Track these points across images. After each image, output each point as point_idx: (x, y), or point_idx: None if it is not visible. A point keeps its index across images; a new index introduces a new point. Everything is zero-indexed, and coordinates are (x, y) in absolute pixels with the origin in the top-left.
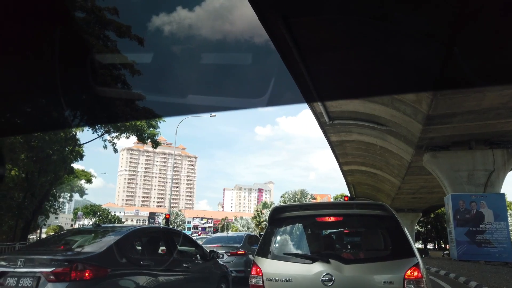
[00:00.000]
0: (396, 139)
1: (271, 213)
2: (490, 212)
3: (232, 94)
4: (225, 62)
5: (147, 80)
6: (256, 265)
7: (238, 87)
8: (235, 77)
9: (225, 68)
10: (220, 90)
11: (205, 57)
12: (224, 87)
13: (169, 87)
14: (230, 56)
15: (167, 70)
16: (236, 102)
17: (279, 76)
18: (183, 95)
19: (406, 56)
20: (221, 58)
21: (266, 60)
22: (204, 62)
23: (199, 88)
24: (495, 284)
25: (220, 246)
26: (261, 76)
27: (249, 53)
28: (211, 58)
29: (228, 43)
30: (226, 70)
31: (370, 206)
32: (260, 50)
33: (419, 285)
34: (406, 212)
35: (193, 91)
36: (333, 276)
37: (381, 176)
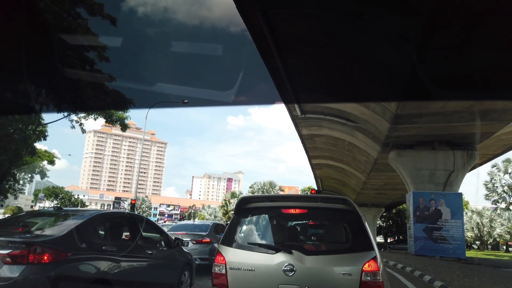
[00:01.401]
0: (364, 136)
1: (237, 203)
2: (448, 210)
3: (202, 85)
4: (196, 52)
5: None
6: (220, 254)
7: (208, 79)
8: (206, 68)
9: (196, 57)
10: (190, 80)
11: (176, 45)
12: (194, 77)
13: (139, 73)
14: (202, 46)
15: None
16: (206, 93)
17: (253, 68)
18: (152, 82)
19: (379, 56)
20: (193, 47)
21: (241, 51)
22: (175, 50)
23: (169, 77)
24: (447, 278)
25: (186, 234)
26: (233, 69)
27: (220, 44)
28: (182, 47)
29: (203, 30)
30: (197, 60)
31: (334, 200)
32: (236, 40)
33: (375, 277)
34: (370, 207)
35: (162, 79)
36: (294, 266)
37: (348, 171)
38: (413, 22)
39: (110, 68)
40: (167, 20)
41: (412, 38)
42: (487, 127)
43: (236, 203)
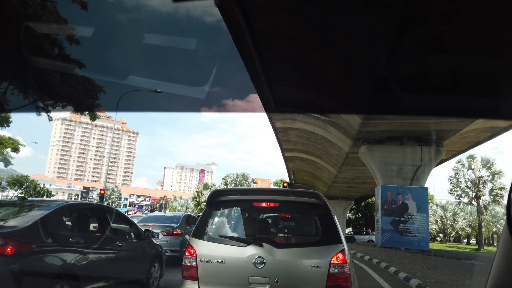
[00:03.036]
0: (336, 130)
1: (209, 196)
2: (414, 204)
3: (175, 80)
4: (170, 45)
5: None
6: (190, 246)
7: (182, 73)
8: (180, 62)
9: (169, 51)
10: (163, 74)
11: (149, 38)
12: (167, 71)
13: (110, 63)
14: (176, 40)
15: (110, 44)
16: (179, 88)
17: (229, 59)
18: (123, 75)
19: (353, 52)
20: (166, 40)
21: (216, 44)
22: (148, 42)
23: (141, 70)
24: (411, 270)
25: (156, 226)
26: (208, 64)
27: (194, 38)
28: (155, 39)
29: (178, 17)
30: (171, 54)
31: (305, 194)
32: (211, 31)
33: (343, 270)
34: (340, 200)
35: (134, 72)
36: (264, 259)
37: (320, 164)
38: (386, 19)
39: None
40: (140, 6)
41: (385, 35)
42: (453, 124)
43: (208, 195)
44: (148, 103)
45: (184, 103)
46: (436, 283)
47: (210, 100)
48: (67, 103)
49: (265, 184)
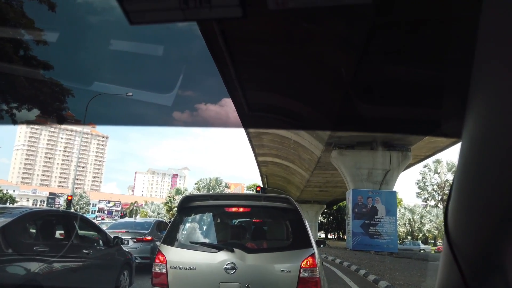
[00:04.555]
0: (309, 135)
1: (180, 202)
2: (383, 207)
3: (142, 87)
4: (136, 51)
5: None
6: (160, 253)
7: (150, 80)
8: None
9: (137, 58)
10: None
11: (115, 44)
12: (134, 78)
13: (77, 68)
14: (143, 46)
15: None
16: (146, 95)
17: (202, 64)
18: (89, 81)
19: (325, 59)
20: (133, 47)
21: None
22: (115, 49)
23: (107, 76)
24: (380, 272)
25: (126, 232)
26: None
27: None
28: (123, 45)
29: None
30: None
31: (277, 199)
32: (184, 33)
33: (313, 273)
34: (313, 203)
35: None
36: (236, 264)
37: (293, 169)
38: (357, 27)
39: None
40: (111, 8)
41: (356, 43)
42: None
43: (179, 201)
44: (119, 106)
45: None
46: (404, 284)
47: (182, 104)
48: (33, 106)
49: (238, 189)
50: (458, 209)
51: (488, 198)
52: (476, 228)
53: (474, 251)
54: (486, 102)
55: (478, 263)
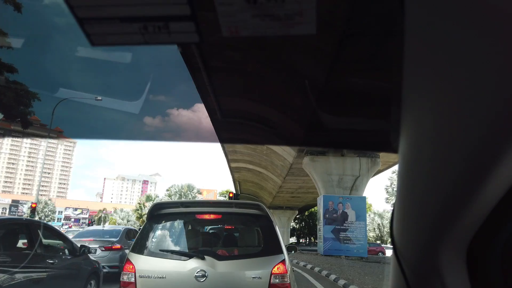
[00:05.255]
0: (281, 141)
1: (150, 209)
2: (353, 212)
3: (109, 94)
4: (103, 58)
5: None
6: (129, 262)
7: (117, 87)
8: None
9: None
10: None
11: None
12: (101, 85)
13: (42, 73)
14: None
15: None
16: (112, 102)
17: (174, 69)
18: (55, 86)
19: (297, 66)
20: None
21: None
22: (82, 55)
23: (73, 82)
24: (350, 277)
25: (94, 240)
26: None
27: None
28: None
29: None
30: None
31: (248, 206)
32: None
33: (283, 279)
34: (285, 209)
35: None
36: (206, 272)
37: (266, 175)
38: (328, 36)
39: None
40: None
41: (327, 52)
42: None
43: (149, 209)
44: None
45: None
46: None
47: (154, 109)
48: None
49: (210, 195)
50: (400, 216)
51: (423, 205)
52: (415, 233)
53: (415, 256)
54: (419, 109)
55: (419, 267)
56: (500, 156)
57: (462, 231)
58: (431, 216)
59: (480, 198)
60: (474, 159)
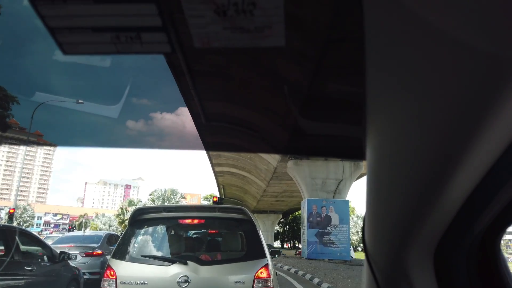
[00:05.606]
0: (266, 145)
1: (132, 214)
2: (336, 216)
3: (87, 98)
4: (84, 62)
5: None
6: (110, 268)
7: (95, 91)
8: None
9: (85, 68)
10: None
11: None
12: (79, 89)
13: (19, 77)
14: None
15: (20, 54)
16: (90, 107)
17: (158, 72)
18: (32, 91)
19: (281, 71)
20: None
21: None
22: (59, 59)
23: (50, 86)
24: (333, 280)
25: (74, 246)
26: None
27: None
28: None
29: None
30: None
31: (231, 210)
32: None
33: (266, 284)
34: (269, 213)
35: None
36: (189, 277)
37: (250, 179)
38: (311, 41)
39: None
40: None
41: (310, 57)
42: None
43: (131, 214)
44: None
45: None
46: None
47: (136, 112)
48: None
49: (194, 199)
50: (370, 221)
51: (390, 210)
52: (383, 238)
53: (385, 259)
54: (381, 117)
55: (388, 271)
56: (459, 161)
57: (428, 234)
58: (397, 221)
59: (443, 202)
60: (435, 164)
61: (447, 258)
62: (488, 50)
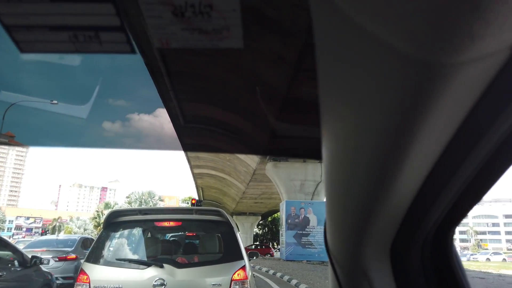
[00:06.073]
0: (245, 147)
1: (107, 217)
2: (315, 217)
3: (53, 97)
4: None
5: None
6: (83, 272)
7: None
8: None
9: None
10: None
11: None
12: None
13: None
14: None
15: None
16: (57, 107)
17: (135, 74)
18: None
19: (259, 73)
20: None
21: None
22: (30, 58)
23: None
24: (311, 281)
25: (47, 251)
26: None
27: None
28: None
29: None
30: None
31: (208, 212)
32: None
33: (244, 286)
34: (248, 215)
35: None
36: (165, 280)
37: (229, 181)
38: (290, 44)
39: None
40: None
41: (289, 60)
42: None
43: (105, 216)
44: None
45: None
46: None
47: (113, 114)
48: None
49: (173, 202)
50: (329, 220)
51: (345, 209)
52: (342, 236)
53: (344, 258)
54: (332, 119)
55: (348, 269)
56: (402, 161)
57: (383, 232)
58: (353, 220)
59: (392, 201)
60: (380, 165)
61: (402, 254)
62: (417, 55)
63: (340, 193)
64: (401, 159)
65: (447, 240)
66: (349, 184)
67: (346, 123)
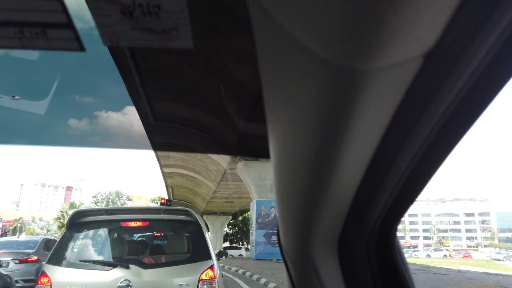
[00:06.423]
0: (216, 147)
1: (70, 218)
2: None
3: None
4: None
5: None
6: (45, 275)
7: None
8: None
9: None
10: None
11: None
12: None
13: None
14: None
15: None
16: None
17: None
18: None
19: (233, 72)
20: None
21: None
22: None
23: None
24: (280, 280)
25: (6, 253)
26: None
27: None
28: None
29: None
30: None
31: (177, 212)
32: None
33: (211, 285)
34: (219, 215)
35: None
36: (131, 281)
37: (200, 180)
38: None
39: None
40: None
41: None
42: None
43: (69, 217)
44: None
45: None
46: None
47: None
48: None
49: (141, 202)
50: (280, 216)
51: (290, 206)
52: (291, 233)
53: (294, 254)
54: (274, 118)
55: (298, 264)
56: (338, 160)
57: (329, 226)
58: (300, 216)
59: (335, 197)
60: (319, 163)
61: (349, 249)
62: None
63: (286, 191)
64: (337, 159)
65: (390, 236)
66: (293, 183)
67: (286, 124)
